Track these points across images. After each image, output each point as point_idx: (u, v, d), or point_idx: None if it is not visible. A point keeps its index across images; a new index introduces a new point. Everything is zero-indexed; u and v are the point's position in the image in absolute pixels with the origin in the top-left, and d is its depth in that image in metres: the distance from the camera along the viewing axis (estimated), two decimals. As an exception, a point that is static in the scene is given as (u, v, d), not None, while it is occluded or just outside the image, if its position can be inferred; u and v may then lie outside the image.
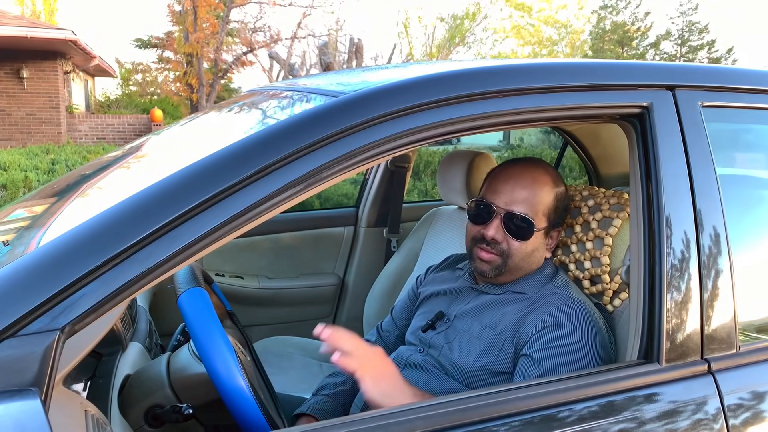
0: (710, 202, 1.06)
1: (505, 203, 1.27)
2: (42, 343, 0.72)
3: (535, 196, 1.27)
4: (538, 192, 1.28)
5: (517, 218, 1.26)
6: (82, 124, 13.25)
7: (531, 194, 1.27)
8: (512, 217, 1.26)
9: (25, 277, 0.74)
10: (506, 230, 1.27)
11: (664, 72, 1.11)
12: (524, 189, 1.27)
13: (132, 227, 0.78)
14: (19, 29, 10.67)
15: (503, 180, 1.30)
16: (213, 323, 1.04)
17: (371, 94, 0.93)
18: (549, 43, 25.30)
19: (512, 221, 1.26)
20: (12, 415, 0.66)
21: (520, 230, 1.26)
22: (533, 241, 1.28)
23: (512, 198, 1.27)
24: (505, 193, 1.28)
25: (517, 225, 1.26)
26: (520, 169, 1.32)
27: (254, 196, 0.83)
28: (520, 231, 1.27)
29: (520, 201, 1.26)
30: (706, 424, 1.00)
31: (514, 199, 1.27)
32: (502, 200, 1.28)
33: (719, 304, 1.05)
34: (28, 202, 1.40)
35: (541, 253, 1.32)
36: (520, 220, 1.26)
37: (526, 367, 1.18)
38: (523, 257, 1.29)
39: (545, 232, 1.31)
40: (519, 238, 1.27)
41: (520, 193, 1.27)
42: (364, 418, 0.88)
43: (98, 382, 1.10)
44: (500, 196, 1.28)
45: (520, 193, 1.27)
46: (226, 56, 17.64)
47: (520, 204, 1.26)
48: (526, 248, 1.28)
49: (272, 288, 2.42)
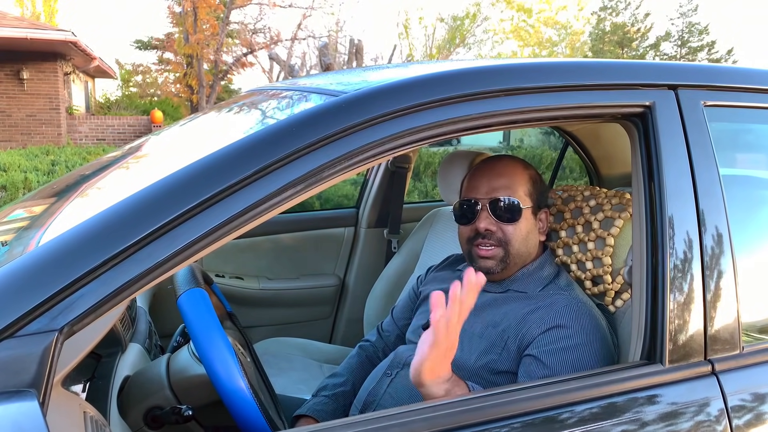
0: (713, 202, 1.06)
1: (485, 193, 1.32)
2: (40, 344, 0.71)
3: (511, 180, 1.33)
4: (512, 176, 1.34)
5: (501, 202, 1.30)
6: (82, 125, 13.25)
7: (507, 180, 1.33)
8: (497, 203, 1.30)
9: (24, 277, 0.74)
10: (496, 217, 1.30)
11: (667, 71, 1.11)
12: (500, 177, 1.33)
13: (131, 227, 0.78)
14: (19, 30, 10.67)
15: (478, 176, 1.36)
16: (213, 324, 1.03)
17: (372, 93, 0.93)
18: (549, 44, 25.33)
19: (499, 207, 1.30)
20: (9, 417, 0.66)
21: (509, 213, 1.30)
22: (524, 222, 1.32)
23: (491, 187, 1.32)
24: (483, 185, 1.33)
25: (504, 209, 1.30)
26: (491, 163, 1.39)
27: (254, 196, 0.83)
28: (509, 213, 1.30)
29: (500, 187, 1.32)
30: (710, 426, 1.00)
31: (493, 186, 1.32)
32: (483, 192, 1.33)
33: (722, 305, 1.05)
34: (27, 202, 1.39)
35: (535, 236, 1.36)
36: (506, 203, 1.30)
37: (532, 368, 1.18)
38: (521, 241, 1.31)
39: (533, 212, 1.34)
40: (510, 221, 1.30)
41: (497, 181, 1.33)
42: (364, 420, 0.87)
43: (97, 383, 1.09)
44: (479, 189, 1.34)
45: (497, 180, 1.33)
46: (226, 57, 17.66)
47: (500, 190, 1.31)
48: (521, 231, 1.31)
49: (272, 289, 2.41)
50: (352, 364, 1.51)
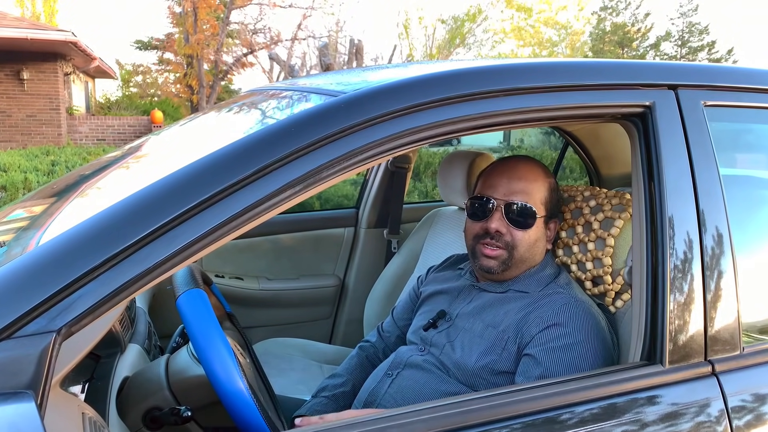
0: (713, 202, 1.06)
1: (503, 194, 1.31)
2: (38, 345, 0.71)
3: (530, 185, 1.31)
4: (533, 182, 1.32)
5: (517, 206, 1.29)
6: (83, 125, 13.25)
7: (526, 185, 1.31)
8: (513, 207, 1.29)
9: (22, 277, 0.73)
10: (509, 221, 1.29)
11: (667, 71, 1.10)
12: (520, 180, 1.31)
13: (130, 227, 0.77)
14: (20, 31, 10.67)
15: (498, 175, 1.34)
16: (212, 325, 1.03)
17: (372, 93, 0.92)
18: (549, 44, 25.33)
19: (513, 211, 1.29)
20: (6, 419, 0.66)
21: (522, 219, 1.29)
22: (535, 230, 1.31)
23: (509, 189, 1.30)
24: (502, 186, 1.31)
25: (518, 214, 1.29)
26: (513, 164, 1.36)
27: (254, 196, 0.83)
28: (522, 220, 1.29)
29: (518, 191, 1.30)
30: (710, 427, 0.99)
31: (512, 189, 1.30)
32: (501, 192, 1.31)
33: (722, 305, 1.05)
34: (26, 202, 1.39)
35: (543, 244, 1.35)
36: (521, 208, 1.29)
37: (528, 367, 1.18)
38: (527, 248, 1.31)
39: (544, 221, 1.33)
40: (522, 227, 1.29)
41: (516, 185, 1.31)
42: (364, 421, 0.87)
43: (96, 384, 1.09)
44: (498, 189, 1.32)
45: (516, 184, 1.31)
46: (226, 58, 17.66)
47: (518, 194, 1.30)
48: (529, 238, 1.30)
49: (272, 289, 2.41)
50: (352, 364, 1.51)
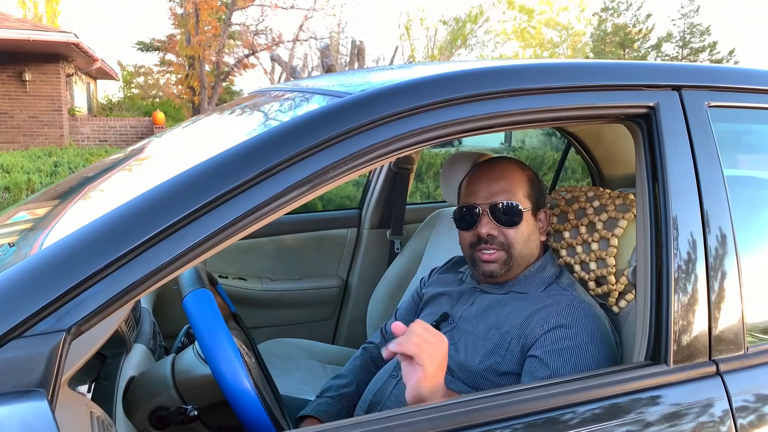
0: (717, 202, 1.06)
1: (485, 198, 1.32)
2: (48, 344, 0.71)
3: (510, 183, 1.33)
4: (511, 179, 1.34)
5: (501, 206, 1.30)
6: (85, 126, 13.27)
7: (506, 183, 1.33)
8: (497, 207, 1.30)
9: (32, 277, 0.74)
10: (497, 222, 1.31)
11: (671, 72, 1.11)
12: (499, 180, 1.33)
13: (138, 228, 0.78)
14: (22, 32, 10.69)
15: (476, 180, 1.36)
16: (218, 325, 1.04)
17: (377, 94, 0.93)
18: (550, 45, 25.32)
19: (499, 210, 1.30)
20: (19, 416, 0.66)
21: (510, 217, 1.30)
22: (526, 225, 1.32)
23: (490, 191, 1.32)
24: (482, 190, 1.33)
25: (505, 213, 1.30)
26: (488, 167, 1.38)
27: (260, 197, 0.83)
28: (510, 217, 1.30)
29: (499, 191, 1.32)
30: (714, 426, 1.00)
31: (493, 191, 1.32)
32: (482, 197, 1.32)
33: (727, 305, 1.05)
34: (31, 204, 1.40)
35: (537, 236, 1.36)
36: (506, 207, 1.30)
37: (534, 368, 1.18)
38: (523, 243, 1.32)
39: (532, 213, 1.34)
40: (511, 225, 1.31)
41: (496, 185, 1.32)
42: (368, 420, 0.87)
43: (102, 383, 1.10)
44: (479, 194, 1.33)
45: (496, 185, 1.32)
46: (228, 59, 17.66)
47: (500, 194, 1.31)
48: (522, 234, 1.31)
49: (275, 290, 2.42)
50: (356, 365, 1.52)
